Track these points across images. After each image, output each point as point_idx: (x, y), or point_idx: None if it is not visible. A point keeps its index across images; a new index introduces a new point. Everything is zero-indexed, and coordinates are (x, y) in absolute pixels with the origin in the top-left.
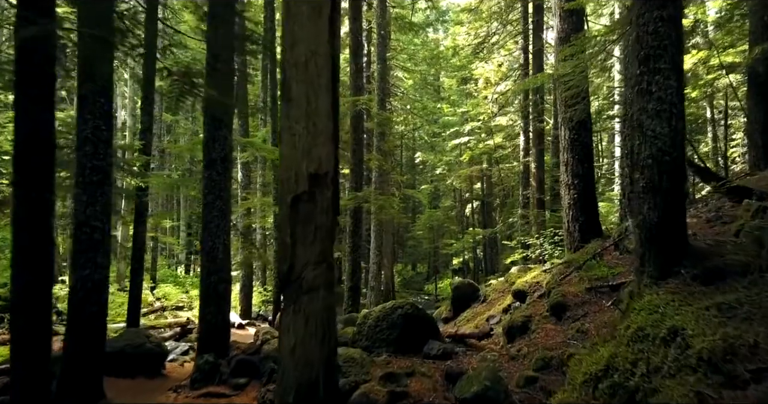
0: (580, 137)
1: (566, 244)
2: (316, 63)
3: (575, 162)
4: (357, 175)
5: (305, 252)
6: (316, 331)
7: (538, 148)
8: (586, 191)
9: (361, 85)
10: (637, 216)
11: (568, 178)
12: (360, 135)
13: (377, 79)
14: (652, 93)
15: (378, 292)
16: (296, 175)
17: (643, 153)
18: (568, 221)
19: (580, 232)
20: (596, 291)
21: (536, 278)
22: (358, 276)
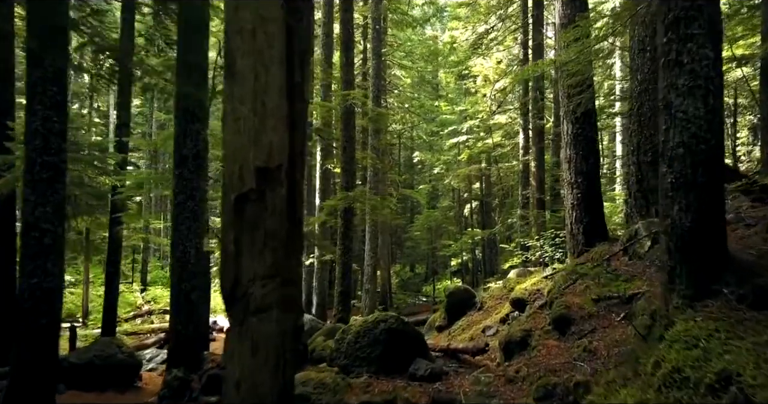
0: (584, 131)
1: (569, 248)
2: (265, 31)
3: (579, 158)
4: (348, 174)
5: (252, 263)
6: (267, 361)
7: (538, 146)
8: (591, 190)
9: (351, 79)
10: (665, 220)
11: (570, 176)
12: (351, 131)
13: (372, 75)
14: (683, 65)
15: (373, 295)
16: (241, 168)
17: (672, 140)
18: (570, 223)
19: (584, 235)
20: (605, 302)
21: (536, 285)
22: (349, 279)
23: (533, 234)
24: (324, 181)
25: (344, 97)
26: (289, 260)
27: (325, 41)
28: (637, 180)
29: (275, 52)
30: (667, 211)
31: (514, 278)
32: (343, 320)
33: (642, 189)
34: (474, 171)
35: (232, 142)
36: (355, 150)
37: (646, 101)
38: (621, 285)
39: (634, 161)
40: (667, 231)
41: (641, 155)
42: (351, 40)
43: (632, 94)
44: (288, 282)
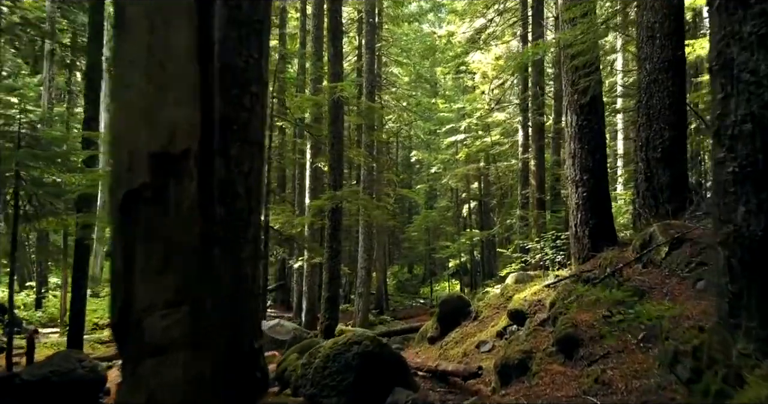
0: (590, 122)
1: (573, 252)
2: None
3: (584, 153)
4: (336, 172)
5: (148, 286)
6: None
7: (538, 143)
8: (598, 189)
9: (339, 71)
10: (723, 226)
11: (575, 173)
12: (339, 127)
13: (365, 69)
14: (751, 5)
15: (367, 299)
16: (130, 155)
17: (735, 113)
18: (575, 225)
19: (590, 238)
20: (618, 320)
21: (537, 295)
22: (337, 284)
23: (533, 235)
24: (314, 180)
25: (331, 89)
26: (205, 281)
27: (315, 34)
28: (645, 178)
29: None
30: (727, 213)
31: (513, 285)
32: (330, 328)
33: (651, 187)
34: (472, 170)
35: (120, 120)
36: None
37: (655, 92)
38: (638, 302)
39: (643, 157)
40: (728, 242)
41: (650, 151)
42: (339, 30)
43: (640, 85)
44: (202, 310)
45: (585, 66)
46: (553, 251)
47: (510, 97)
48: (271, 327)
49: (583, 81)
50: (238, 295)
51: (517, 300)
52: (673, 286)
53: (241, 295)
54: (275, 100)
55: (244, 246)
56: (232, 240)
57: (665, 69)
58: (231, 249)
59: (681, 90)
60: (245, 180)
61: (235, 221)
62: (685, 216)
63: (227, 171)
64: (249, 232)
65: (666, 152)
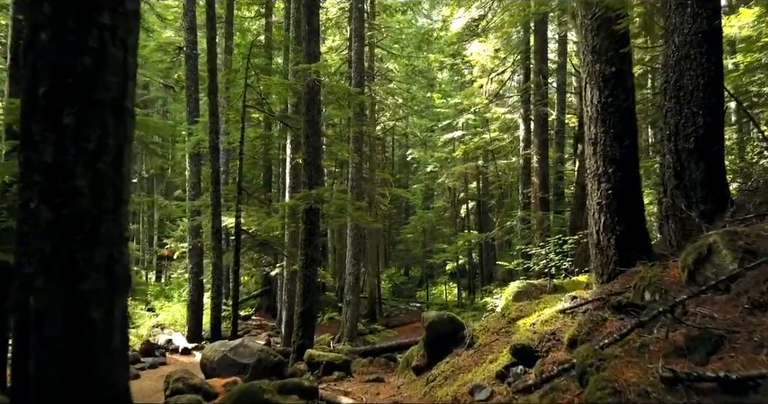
0: (617, 99)
1: (593, 266)
2: None
3: (608, 139)
4: (312, 168)
5: None
6: None
7: (541, 137)
8: (627, 185)
9: (315, 52)
10: None
11: (597, 165)
12: (315, 115)
13: (353, 59)
14: None
15: (355, 308)
16: None
17: None
18: (597, 231)
19: (617, 249)
20: (688, 386)
21: (550, 323)
22: (313, 297)
23: (536, 239)
24: (294, 177)
25: (304, 71)
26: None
27: (296, 17)
28: (675, 173)
29: None
30: None
31: (515, 305)
32: (304, 348)
33: (682, 184)
34: (470, 168)
35: None
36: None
37: (687, 70)
38: (713, 354)
39: (671, 149)
40: None
41: (680, 141)
42: (316, 5)
43: (668, 61)
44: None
45: (612, 19)
46: (559, 257)
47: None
48: (233, 348)
49: (608, 45)
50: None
51: (522, 330)
52: (765, 330)
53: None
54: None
55: (84, 274)
56: (64, 264)
57: (698, 42)
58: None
59: (717, 68)
60: (90, 165)
61: (71, 231)
62: (725, 219)
63: (58, 151)
64: (98, 251)
65: (700, 142)
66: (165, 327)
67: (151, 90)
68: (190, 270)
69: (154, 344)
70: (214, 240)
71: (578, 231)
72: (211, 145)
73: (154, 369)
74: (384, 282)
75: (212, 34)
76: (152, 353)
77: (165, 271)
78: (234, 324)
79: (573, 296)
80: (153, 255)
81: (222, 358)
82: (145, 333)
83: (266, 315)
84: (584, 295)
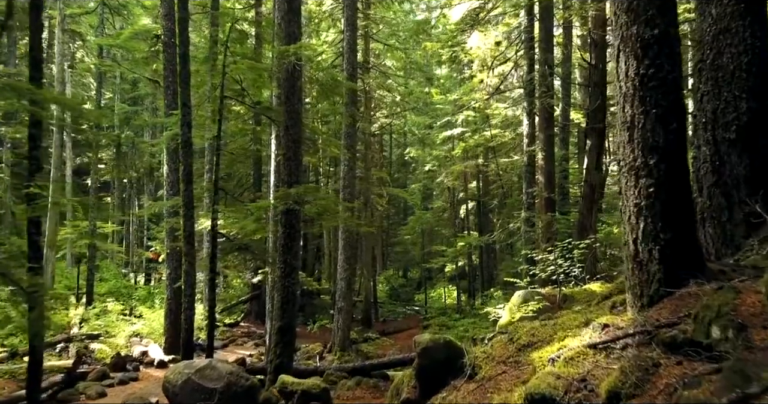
0: (659, 71)
1: (630, 285)
2: None
3: (650, 121)
4: (291, 163)
5: None
6: None
7: (547, 132)
8: (674, 180)
9: (296, 33)
10: None
11: (634, 155)
12: (295, 104)
13: (345, 49)
14: None
15: (348, 315)
16: None
17: None
18: (634, 240)
19: (662, 264)
20: None
21: (576, 363)
22: (292, 311)
23: (541, 242)
24: (279, 175)
25: (282, 54)
26: None
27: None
28: (713, 168)
29: None
30: None
31: (525, 327)
32: (281, 368)
33: (721, 181)
34: (470, 167)
35: None
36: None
37: (726, 47)
38: None
39: (708, 139)
40: None
41: (719, 130)
42: None
43: (703, 37)
44: None
45: None
46: (568, 263)
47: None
48: (200, 370)
49: (648, 0)
50: None
51: (539, 368)
52: None
53: None
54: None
55: None
56: None
57: (740, 14)
58: None
59: (763, 44)
60: None
61: None
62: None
63: None
64: None
65: (742, 131)
66: (143, 337)
67: (140, 86)
68: (168, 275)
69: (127, 356)
70: (186, 245)
71: (586, 233)
72: (183, 140)
73: (123, 385)
74: (381, 285)
75: (183, 14)
76: (124, 367)
77: (154, 274)
78: (210, 338)
79: (604, 324)
80: (141, 257)
81: (186, 382)
82: (121, 343)
83: (255, 321)
84: (618, 323)
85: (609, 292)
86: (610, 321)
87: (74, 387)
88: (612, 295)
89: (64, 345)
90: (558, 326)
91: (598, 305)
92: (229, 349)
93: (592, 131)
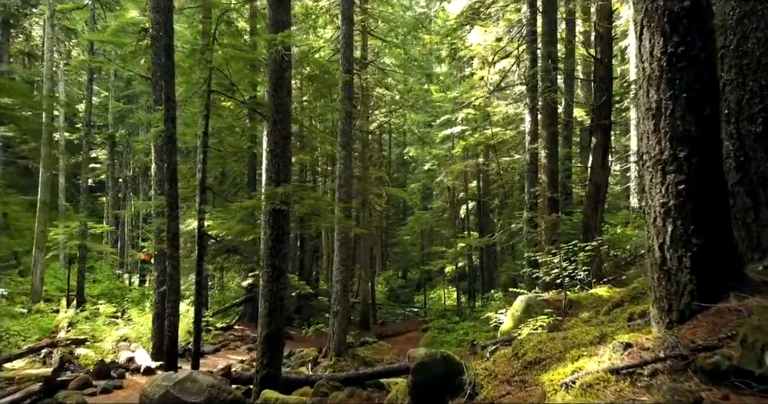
0: (690, 49)
1: (656, 298)
2: None
3: (680, 107)
4: (279, 160)
5: None
6: None
7: (550, 130)
8: (708, 175)
9: (285, 20)
10: None
11: (661, 146)
12: (283, 96)
13: (342, 44)
14: None
15: (344, 318)
16: None
17: None
18: (661, 246)
19: (695, 273)
20: None
21: (596, 392)
22: (280, 317)
23: (545, 244)
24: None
25: (269, 43)
26: None
27: None
28: (737, 164)
29: None
30: None
31: (531, 340)
32: (268, 379)
33: (746, 179)
34: (470, 166)
35: None
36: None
37: (752, 32)
38: None
39: (732, 133)
40: None
41: (743, 123)
42: None
43: (725, 20)
44: None
45: None
46: (573, 266)
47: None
48: (179, 382)
49: None
50: None
51: (551, 394)
52: None
53: None
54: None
55: None
56: None
57: None
58: None
59: None
60: None
61: None
62: None
63: None
64: None
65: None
66: (132, 341)
67: (134, 84)
68: (156, 278)
69: (112, 363)
70: (170, 247)
71: (591, 235)
72: (166, 135)
73: (106, 394)
74: (381, 286)
75: (168, 3)
76: (108, 374)
77: (149, 275)
78: (196, 345)
79: (626, 343)
80: (135, 258)
81: (164, 396)
82: (108, 348)
83: (250, 324)
84: (643, 342)
85: (620, 299)
86: (634, 340)
87: (53, 396)
88: (623, 303)
89: (48, 351)
90: (568, 340)
91: (609, 314)
92: (221, 354)
93: (597, 128)
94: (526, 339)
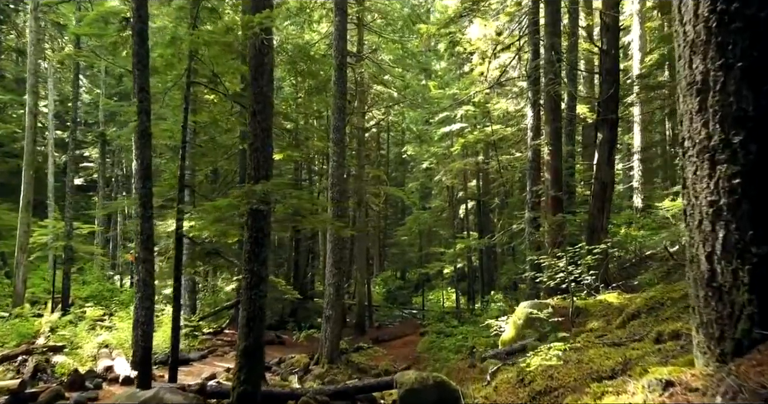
0: (748, 5)
1: (701, 322)
2: None
3: (733, 80)
4: (259, 156)
5: None
6: None
7: (553, 125)
8: (766, 167)
9: (264, 2)
10: None
11: (708, 130)
12: (263, 85)
13: (335, 36)
14: None
15: (337, 324)
16: None
17: None
18: (709, 256)
19: (754, 292)
20: None
21: None
22: (260, 328)
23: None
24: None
25: (247, 25)
26: None
27: None
28: None
29: None
30: None
31: (540, 366)
32: (246, 397)
33: None
34: (469, 165)
35: None
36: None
37: None
38: None
39: None
40: None
41: None
42: None
43: None
44: None
45: None
46: (580, 270)
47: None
48: (146, 400)
49: None
50: None
51: None
52: None
53: None
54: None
55: None
56: None
57: None
58: None
59: None
60: None
61: None
62: None
63: None
64: None
65: None
66: (113, 348)
67: (125, 81)
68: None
69: (91, 371)
70: (143, 250)
71: (597, 236)
72: (140, 129)
73: None
74: (378, 287)
75: None
76: (83, 385)
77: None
78: (173, 356)
79: (667, 381)
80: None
81: None
82: (87, 355)
83: None
84: (688, 380)
85: (636, 310)
86: (675, 377)
87: None
88: (640, 314)
89: (24, 359)
90: (584, 365)
91: (624, 326)
92: (208, 361)
93: (603, 123)
94: (533, 363)
